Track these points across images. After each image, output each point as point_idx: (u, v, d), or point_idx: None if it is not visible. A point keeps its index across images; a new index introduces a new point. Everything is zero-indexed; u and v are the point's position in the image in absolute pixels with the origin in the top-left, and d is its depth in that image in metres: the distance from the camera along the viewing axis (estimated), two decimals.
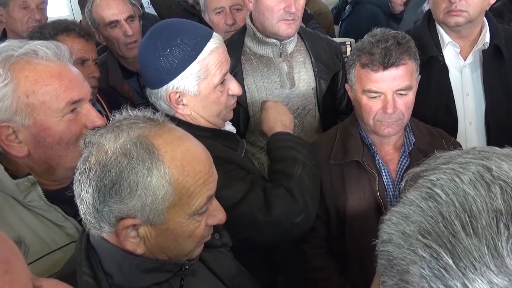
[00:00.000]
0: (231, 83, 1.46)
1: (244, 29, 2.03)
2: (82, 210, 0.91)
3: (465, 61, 1.94)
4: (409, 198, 0.59)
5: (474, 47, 1.91)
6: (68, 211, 1.21)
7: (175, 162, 0.90)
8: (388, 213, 0.62)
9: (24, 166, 1.19)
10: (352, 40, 2.63)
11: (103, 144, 0.88)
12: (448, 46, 1.93)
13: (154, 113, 0.98)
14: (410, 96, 1.54)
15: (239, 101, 1.81)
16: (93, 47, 2.02)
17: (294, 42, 2.00)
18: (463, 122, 1.93)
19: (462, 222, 0.51)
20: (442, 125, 1.72)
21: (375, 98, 1.53)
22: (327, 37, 2.22)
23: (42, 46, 1.16)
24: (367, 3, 3.95)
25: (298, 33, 2.01)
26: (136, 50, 2.36)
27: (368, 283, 0.82)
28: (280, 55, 1.97)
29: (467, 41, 1.92)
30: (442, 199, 0.54)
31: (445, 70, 1.91)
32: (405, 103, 1.53)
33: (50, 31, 1.86)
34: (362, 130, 1.67)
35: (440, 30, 1.94)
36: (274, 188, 1.40)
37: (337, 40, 2.44)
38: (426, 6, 2.66)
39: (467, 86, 1.94)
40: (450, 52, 1.94)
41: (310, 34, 2.09)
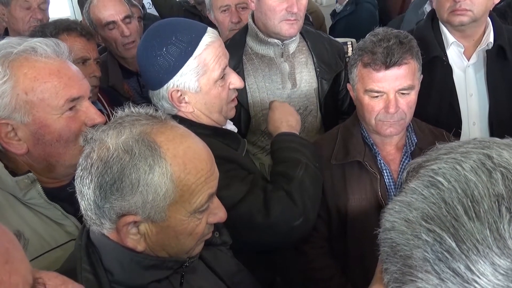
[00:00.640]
0: (232, 77, 1.45)
1: (246, 28, 2.03)
2: (83, 206, 0.91)
3: (468, 61, 1.93)
4: (411, 187, 0.60)
5: (478, 47, 1.90)
6: (67, 209, 1.21)
7: (177, 159, 0.90)
8: (390, 202, 0.63)
9: (23, 164, 1.19)
10: (353, 40, 2.63)
11: (105, 140, 0.88)
12: (452, 46, 1.92)
13: (156, 110, 0.97)
14: (412, 95, 1.53)
15: (240, 101, 1.81)
16: (94, 46, 2.02)
17: (296, 42, 2.00)
18: (467, 123, 1.92)
19: (465, 207, 0.52)
20: (446, 125, 1.71)
21: (377, 97, 1.52)
22: (329, 37, 2.22)
23: (41, 43, 1.16)
24: (366, 3, 3.95)
25: (300, 33, 2.01)
26: (134, 50, 2.35)
27: (369, 283, 0.82)
28: (282, 55, 1.96)
29: (471, 41, 1.91)
30: (444, 186, 0.55)
31: (448, 70, 1.90)
32: (407, 103, 1.52)
33: (52, 30, 1.86)
34: (363, 130, 1.66)
35: (444, 30, 1.93)
36: (274, 190, 1.39)
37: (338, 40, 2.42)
38: (427, 7, 2.65)
39: (471, 86, 1.92)
40: (454, 52, 1.93)
41: (312, 34, 2.09)
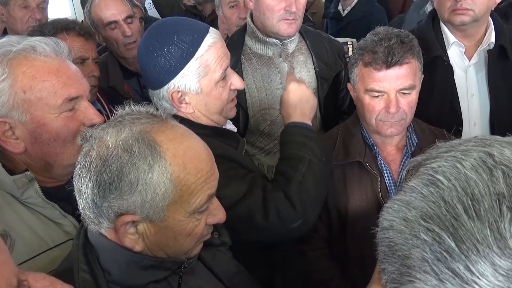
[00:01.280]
0: (233, 78, 1.44)
1: (244, 28, 2.02)
2: (81, 204, 0.90)
3: (469, 61, 1.92)
4: (410, 185, 0.58)
5: (479, 47, 1.90)
6: (65, 209, 1.20)
7: (177, 159, 0.89)
8: (388, 201, 0.61)
9: (21, 163, 1.18)
10: (353, 40, 2.62)
11: (105, 138, 0.87)
12: (452, 46, 1.91)
13: (157, 109, 0.97)
14: (413, 95, 1.52)
15: (239, 101, 1.80)
16: (93, 46, 2.01)
17: (295, 42, 1.99)
18: (468, 123, 1.91)
19: (465, 206, 0.51)
20: (447, 125, 1.70)
21: (378, 97, 1.51)
22: (329, 36, 2.21)
23: (41, 42, 1.16)
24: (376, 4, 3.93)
25: (300, 32, 2.00)
26: (135, 51, 2.34)
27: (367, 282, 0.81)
28: (280, 55, 1.95)
29: (472, 40, 1.90)
30: (444, 185, 0.54)
31: (449, 70, 1.89)
32: (408, 103, 1.51)
33: (50, 30, 1.86)
34: (364, 130, 1.66)
35: (444, 30, 1.92)
36: (273, 191, 1.37)
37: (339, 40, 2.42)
38: (429, 7, 2.65)
39: (472, 87, 1.92)
40: (455, 52, 1.92)
41: (311, 33, 2.08)
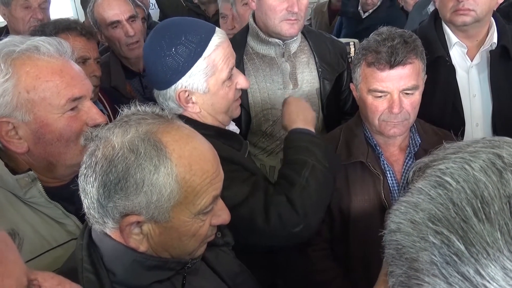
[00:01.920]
0: (239, 77, 1.45)
1: (246, 28, 2.02)
2: (86, 204, 0.90)
3: (472, 61, 1.92)
4: (417, 187, 0.58)
5: (482, 48, 1.89)
6: (68, 208, 1.20)
7: (183, 160, 0.89)
8: (395, 203, 0.60)
9: (24, 163, 1.18)
10: (356, 40, 2.62)
11: (111, 138, 0.87)
12: (455, 46, 1.91)
13: (163, 109, 0.97)
14: (417, 96, 1.52)
15: (241, 101, 1.79)
16: (94, 46, 2.01)
17: (297, 42, 1.99)
18: (470, 123, 1.91)
19: (474, 208, 0.50)
20: (449, 126, 1.70)
21: (381, 97, 1.51)
22: (332, 36, 2.21)
23: (44, 42, 1.16)
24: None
25: (302, 32, 2.00)
26: (138, 51, 2.36)
27: (372, 285, 0.81)
28: (283, 55, 1.95)
29: (474, 41, 1.90)
30: (452, 187, 0.53)
31: (451, 70, 1.89)
32: (411, 103, 1.51)
33: (52, 30, 1.85)
34: (367, 130, 1.65)
35: (447, 30, 1.92)
36: (275, 194, 1.36)
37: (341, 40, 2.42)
38: (431, 8, 2.65)
39: (474, 87, 1.92)
40: (457, 52, 1.92)
41: (314, 33, 2.08)
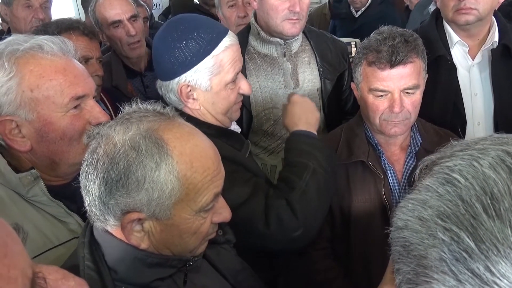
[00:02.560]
0: (242, 82, 1.45)
1: (248, 28, 2.03)
2: (88, 201, 0.90)
3: (473, 60, 1.92)
4: (424, 184, 0.57)
5: (483, 47, 1.89)
6: (70, 207, 1.21)
7: (184, 157, 0.89)
8: (402, 200, 0.60)
9: (26, 161, 1.18)
10: (357, 40, 2.62)
11: (112, 136, 0.88)
12: (456, 45, 1.91)
13: (164, 107, 0.97)
14: (418, 95, 1.52)
15: (242, 101, 1.80)
16: (96, 46, 2.01)
17: (299, 42, 1.99)
18: (472, 122, 1.91)
19: (484, 205, 0.49)
20: (450, 125, 1.71)
21: (382, 97, 1.51)
22: (333, 36, 2.21)
23: (48, 41, 1.16)
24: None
25: (303, 32, 2.01)
26: (139, 50, 2.37)
27: (372, 285, 0.81)
28: (284, 55, 1.96)
29: (476, 40, 1.90)
30: (461, 184, 0.53)
31: (453, 69, 1.89)
32: (412, 102, 1.51)
33: (54, 29, 1.86)
34: (368, 130, 1.65)
35: (448, 29, 1.92)
36: (275, 198, 1.35)
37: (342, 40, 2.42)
38: (432, 7, 2.65)
39: (476, 86, 1.92)
40: (458, 51, 1.93)
41: (315, 33, 2.08)
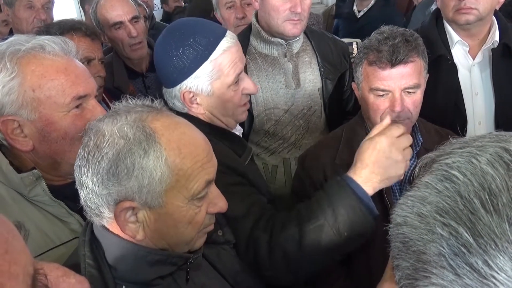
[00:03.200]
0: (246, 82, 1.43)
1: (249, 28, 2.03)
2: (83, 196, 0.91)
3: (474, 60, 1.92)
4: (424, 181, 0.57)
5: (483, 46, 1.90)
6: (72, 207, 1.21)
7: (172, 144, 0.90)
8: (401, 197, 0.60)
9: (29, 161, 1.19)
10: (358, 40, 2.62)
11: (102, 128, 0.90)
12: (456, 45, 1.92)
13: (153, 100, 0.98)
14: (418, 94, 1.52)
15: None
16: (99, 46, 2.02)
17: (300, 42, 2.00)
18: (472, 122, 1.91)
19: (482, 200, 0.50)
20: (451, 124, 1.70)
21: (383, 96, 1.51)
22: (334, 36, 2.21)
23: (49, 41, 1.17)
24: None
25: (305, 32, 2.01)
26: (140, 51, 2.38)
27: (374, 285, 0.81)
28: (285, 55, 1.96)
29: (476, 39, 1.91)
30: (460, 180, 0.53)
31: (453, 69, 1.89)
32: (413, 102, 1.51)
33: (57, 30, 1.87)
34: (369, 130, 1.65)
35: (448, 29, 1.93)
36: (262, 230, 1.25)
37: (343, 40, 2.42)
38: (434, 7, 2.65)
39: (476, 86, 1.92)
40: (459, 51, 1.93)
41: (316, 33, 2.09)
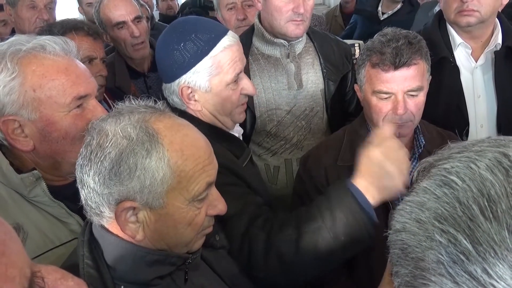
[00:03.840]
0: (245, 83, 1.43)
1: (252, 29, 2.03)
2: (83, 195, 0.92)
3: (476, 62, 1.92)
4: (422, 186, 0.57)
5: (486, 48, 1.89)
6: (72, 207, 1.21)
7: (174, 145, 0.91)
8: (400, 203, 0.59)
9: (29, 161, 1.19)
10: (360, 42, 2.62)
11: (104, 127, 0.90)
12: (459, 47, 1.91)
13: (156, 101, 0.99)
14: (421, 97, 1.52)
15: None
16: (101, 46, 2.02)
17: (302, 43, 2.00)
18: (474, 125, 1.90)
19: (481, 207, 0.49)
20: (453, 127, 1.70)
21: (385, 99, 1.50)
22: (337, 38, 2.21)
23: (50, 41, 1.17)
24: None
25: (307, 33, 2.01)
26: (143, 51, 2.38)
27: (375, 286, 0.80)
28: (288, 56, 1.96)
29: (479, 42, 1.90)
30: (458, 186, 0.52)
31: (456, 71, 1.89)
32: (416, 104, 1.50)
33: (59, 30, 1.87)
34: (371, 131, 1.65)
35: (451, 31, 1.92)
36: (259, 229, 1.23)
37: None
38: (437, 9, 2.64)
39: (479, 88, 1.91)
40: (462, 53, 1.92)
41: (319, 34, 2.09)
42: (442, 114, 1.87)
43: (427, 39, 1.60)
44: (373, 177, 1.17)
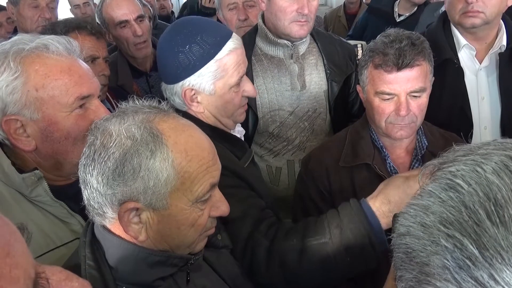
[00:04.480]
0: (246, 85, 1.44)
1: (255, 29, 2.03)
2: (86, 195, 0.91)
3: (480, 64, 1.91)
4: (427, 190, 0.56)
5: (490, 50, 1.88)
6: (73, 207, 1.21)
7: (178, 146, 0.90)
8: (405, 206, 0.59)
9: (31, 161, 1.19)
10: (363, 42, 2.61)
11: (109, 127, 0.90)
12: (463, 48, 1.90)
13: (160, 101, 0.99)
14: (424, 98, 1.51)
15: (248, 102, 1.79)
16: (103, 45, 2.02)
17: (306, 44, 1.99)
18: (478, 126, 1.90)
19: (487, 211, 0.48)
20: (457, 129, 1.69)
21: (388, 100, 1.50)
22: (341, 38, 2.20)
23: (53, 41, 1.17)
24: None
25: (311, 34, 2.00)
26: (145, 50, 2.39)
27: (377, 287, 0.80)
28: (291, 57, 1.95)
29: (483, 43, 1.89)
30: (464, 189, 0.51)
31: (460, 73, 1.88)
32: (418, 106, 1.50)
33: (62, 29, 1.87)
34: (373, 132, 1.64)
35: (455, 32, 1.91)
36: (263, 235, 1.22)
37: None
38: (443, 10, 2.62)
39: (483, 90, 1.90)
40: (466, 54, 1.91)
41: (323, 35, 2.08)
42: (446, 115, 1.86)
43: (431, 41, 1.59)
44: (400, 209, 1.15)
